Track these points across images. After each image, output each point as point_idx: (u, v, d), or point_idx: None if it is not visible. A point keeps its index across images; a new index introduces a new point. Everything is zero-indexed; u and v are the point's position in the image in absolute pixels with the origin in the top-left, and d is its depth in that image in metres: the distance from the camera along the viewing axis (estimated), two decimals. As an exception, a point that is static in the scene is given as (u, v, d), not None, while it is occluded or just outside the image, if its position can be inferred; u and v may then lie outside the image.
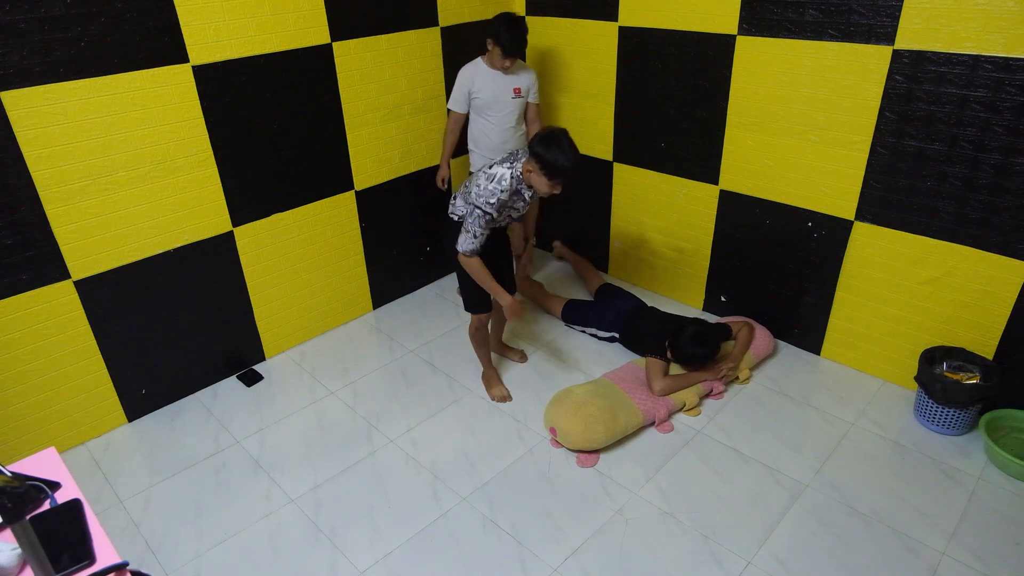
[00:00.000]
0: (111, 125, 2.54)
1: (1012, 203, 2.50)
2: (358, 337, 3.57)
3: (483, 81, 3.29)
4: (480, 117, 3.38)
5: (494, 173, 2.52)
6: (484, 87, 3.29)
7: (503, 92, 3.32)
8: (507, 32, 3.12)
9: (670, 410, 2.87)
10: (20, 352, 2.58)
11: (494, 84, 3.30)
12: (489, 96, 3.31)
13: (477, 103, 3.34)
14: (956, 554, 2.24)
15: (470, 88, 3.30)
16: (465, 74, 3.31)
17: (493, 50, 3.21)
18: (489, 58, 3.28)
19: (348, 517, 2.46)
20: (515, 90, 3.34)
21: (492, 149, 3.40)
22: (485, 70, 3.30)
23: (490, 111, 3.35)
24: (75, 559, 1.35)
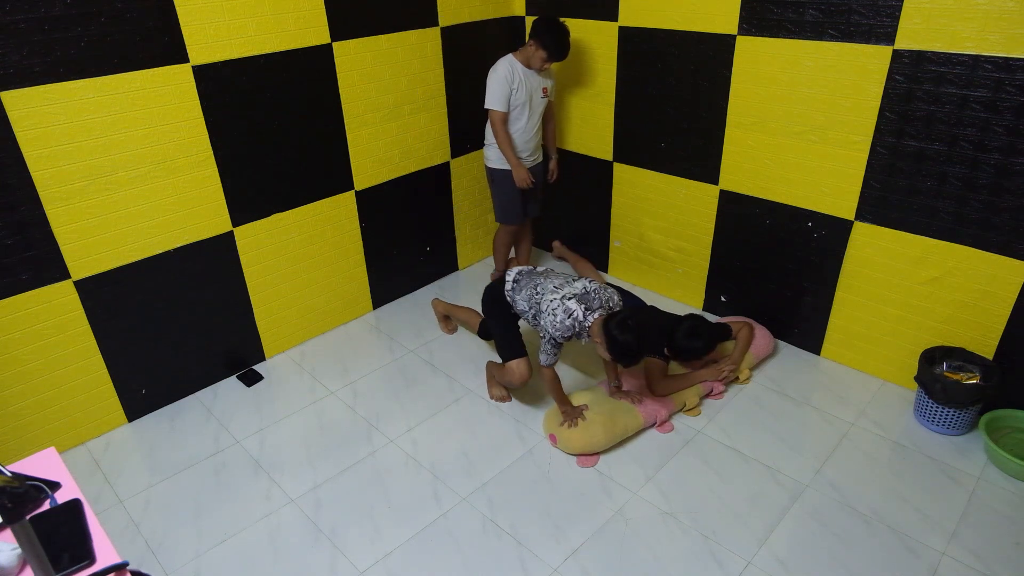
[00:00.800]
0: (111, 125, 2.54)
1: (1012, 203, 2.50)
2: (358, 337, 3.57)
3: (520, 79, 3.31)
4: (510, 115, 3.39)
5: (571, 309, 2.53)
6: (522, 86, 3.32)
7: (536, 92, 3.37)
8: (557, 38, 3.19)
9: (670, 411, 2.87)
10: (20, 352, 2.58)
11: (528, 83, 3.33)
12: (525, 95, 3.33)
13: (514, 101, 3.34)
14: (956, 554, 2.24)
15: (511, 85, 3.29)
16: (505, 71, 3.28)
17: (536, 52, 3.23)
18: (525, 57, 3.29)
19: (348, 517, 2.46)
20: (544, 90, 3.40)
21: (517, 146, 3.44)
22: (521, 69, 3.31)
23: (522, 110, 3.36)
24: (75, 559, 1.35)
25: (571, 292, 2.59)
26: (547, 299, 2.61)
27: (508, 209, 3.64)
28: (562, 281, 2.69)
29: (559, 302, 2.56)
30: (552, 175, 3.77)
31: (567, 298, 2.56)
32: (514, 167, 3.44)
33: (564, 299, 2.56)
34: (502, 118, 3.35)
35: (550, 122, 3.63)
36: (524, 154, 3.50)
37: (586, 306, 2.54)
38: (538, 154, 3.62)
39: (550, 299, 2.59)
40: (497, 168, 3.52)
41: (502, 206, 3.64)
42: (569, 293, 2.58)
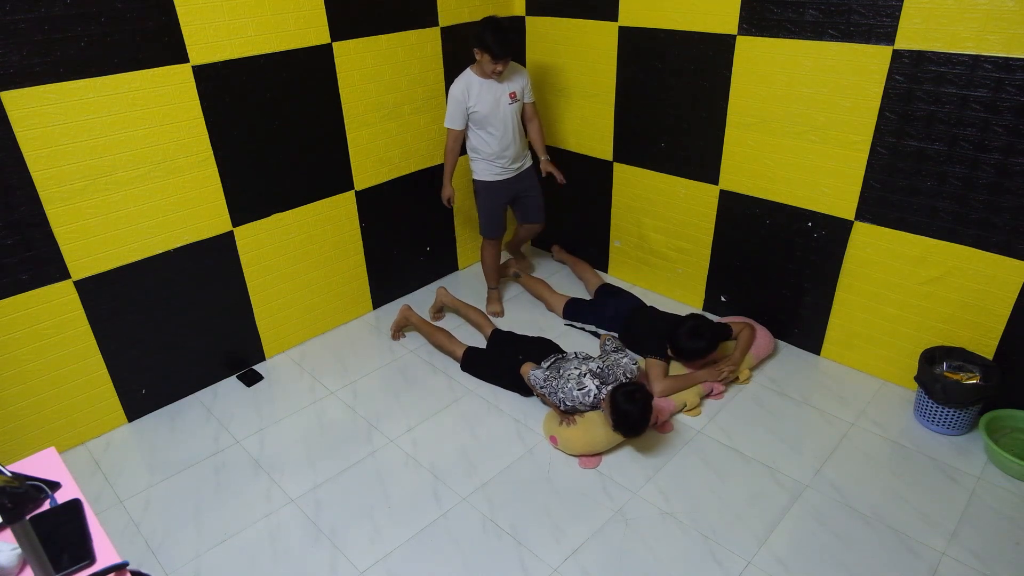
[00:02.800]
0: (111, 125, 2.54)
1: (1012, 203, 2.50)
2: (358, 337, 3.56)
3: (478, 93, 3.17)
4: (479, 130, 3.28)
5: (587, 387, 2.72)
6: (480, 99, 3.17)
7: (500, 100, 3.21)
8: (493, 35, 3.01)
9: (671, 411, 2.87)
10: (20, 352, 2.58)
11: (489, 94, 3.18)
12: (487, 107, 3.19)
13: (476, 116, 3.21)
14: (956, 554, 2.24)
15: (466, 103, 3.18)
16: (458, 89, 3.18)
17: (482, 58, 3.08)
18: (479, 67, 3.16)
19: (348, 517, 2.46)
20: (511, 95, 3.24)
21: (494, 156, 3.33)
22: (478, 81, 3.18)
23: (489, 123, 3.23)
24: (75, 559, 1.35)
25: (588, 370, 2.77)
26: (567, 373, 2.79)
27: (489, 222, 3.53)
28: (580, 361, 2.87)
29: (577, 379, 2.75)
30: (554, 174, 3.55)
31: (584, 375, 2.75)
32: (445, 184, 3.43)
33: (582, 376, 2.75)
34: (454, 136, 3.28)
35: (532, 122, 3.46)
36: (507, 163, 3.37)
37: (601, 381, 2.73)
38: (525, 160, 3.49)
39: (569, 374, 2.78)
40: (480, 180, 3.43)
41: (483, 218, 3.55)
42: (586, 370, 2.77)
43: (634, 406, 2.52)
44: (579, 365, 2.83)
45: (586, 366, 2.80)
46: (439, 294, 3.62)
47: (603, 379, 2.73)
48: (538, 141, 3.54)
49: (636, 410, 2.52)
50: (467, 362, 3.18)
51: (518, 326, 3.52)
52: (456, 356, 3.24)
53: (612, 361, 2.83)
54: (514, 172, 3.43)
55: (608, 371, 2.77)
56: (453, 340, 3.28)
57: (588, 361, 2.86)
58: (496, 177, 3.40)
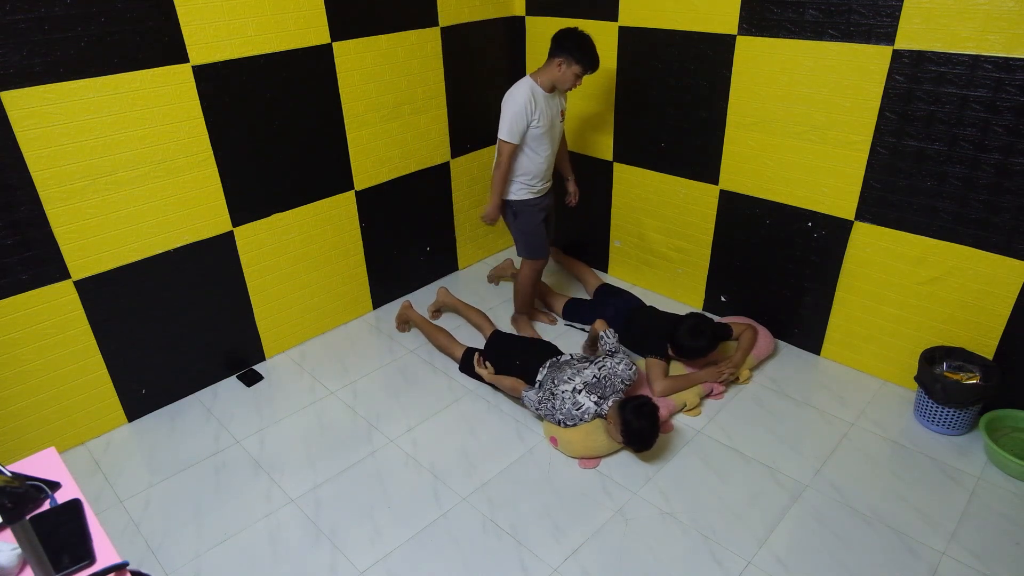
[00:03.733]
0: (111, 125, 2.54)
1: (1012, 203, 2.50)
2: (358, 337, 3.57)
3: (542, 106, 2.93)
4: (528, 148, 3.02)
5: (582, 405, 2.68)
6: (543, 113, 2.95)
7: (556, 116, 3.05)
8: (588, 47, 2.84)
9: (671, 411, 2.87)
10: (20, 352, 2.58)
11: (549, 109, 2.97)
12: (547, 123, 2.98)
13: (534, 133, 2.96)
14: (956, 554, 2.24)
15: (532, 117, 2.92)
16: (525, 98, 2.89)
17: (568, 69, 2.86)
18: (550, 78, 2.91)
19: (348, 517, 2.46)
20: (562, 112, 3.09)
21: (535, 176, 3.12)
22: (541, 93, 2.93)
23: (543, 141, 3.01)
24: (75, 559, 1.35)
25: (582, 383, 2.72)
26: (560, 389, 2.74)
27: (534, 243, 3.26)
28: (574, 372, 2.79)
29: (570, 395, 2.70)
30: (574, 198, 3.49)
31: (578, 391, 2.70)
32: (493, 204, 3.12)
33: (575, 392, 2.70)
34: (511, 151, 2.99)
35: (563, 143, 3.32)
36: (543, 182, 3.18)
37: (599, 395, 2.68)
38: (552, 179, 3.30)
39: (562, 390, 2.73)
40: (517, 200, 3.16)
41: (527, 240, 3.26)
42: (580, 384, 2.72)
43: (644, 421, 2.50)
44: (572, 377, 2.76)
45: (580, 378, 2.74)
46: (439, 294, 3.62)
47: (600, 392, 2.70)
48: (566, 160, 3.43)
49: (647, 425, 2.50)
50: (465, 364, 3.18)
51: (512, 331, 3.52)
52: (455, 357, 3.24)
53: (608, 370, 2.78)
54: (547, 190, 3.27)
55: (605, 381, 2.73)
56: (453, 341, 3.28)
57: (583, 371, 2.79)
58: (534, 195, 3.19)
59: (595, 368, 2.79)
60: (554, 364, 2.91)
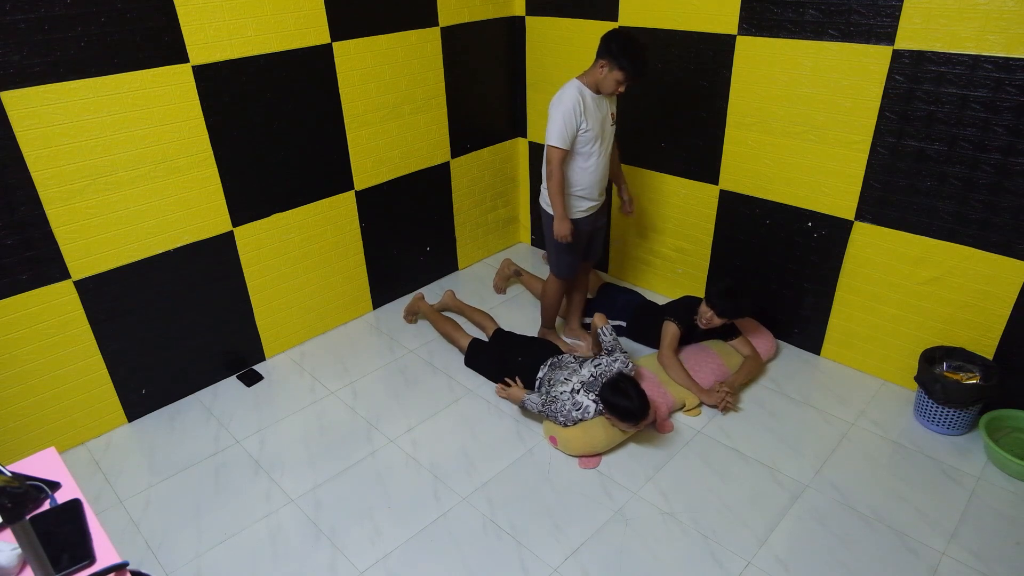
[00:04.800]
0: (111, 125, 2.54)
1: (1012, 203, 2.50)
2: (358, 337, 3.57)
3: (591, 109, 2.73)
4: (576, 155, 2.81)
5: (581, 405, 2.67)
6: (592, 116, 2.74)
7: (606, 120, 2.82)
8: (635, 50, 2.61)
9: (670, 407, 2.87)
10: (20, 352, 2.58)
11: (598, 112, 2.77)
12: (597, 127, 2.77)
13: (584, 137, 2.75)
14: (956, 554, 2.24)
15: (581, 119, 2.71)
16: (573, 100, 2.68)
17: (610, 74, 2.66)
18: (594, 81, 2.72)
19: (348, 517, 2.46)
20: (612, 115, 2.87)
21: (588, 187, 2.89)
22: (590, 95, 2.73)
23: (594, 145, 2.79)
24: (75, 559, 1.35)
25: (579, 382, 2.72)
26: (557, 390, 2.73)
27: (564, 262, 3.07)
28: (570, 372, 2.80)
29: (568, 396, 2.70)
30: (629, 205, 3.21)
31: (576, 391, 2.70)
32: (559, 217, 2.83)
33: (573, 392, 2.70)
34: (562, 157, 2.75)
35: (616, 150, 3.07)
36: (597, 193, 2.94)
37: (596, 393, 2.68)
38: (605, 193, 3.06)
39: (560, 391, 2.72)
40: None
41: (556, 257, 3.07)
42: (577, 384, 2.72)
43: (625, 398, 2.54)
44: (569, 377, 2.76)
45: (577, 377, 2.75)
46: (445, 296, 3.63)
47: (598, 390, 2.70)
48: (619, 168, 3.15)
49: (631, 397, 2.54)
50: (471, 354, 3.21)
51: (520, 326, 3.52)
52: (461, 347, 3.26)
53: (605, 367, 2.78)
54: (599, 208, 3.04)
55: (602, 379, 2.73)
56: (459, 330, 3.31)
57: (579, 370, 2.79)
58: (582, 214, 2.96)
59: (591, 366, 2.80)
60: (554, 364, 2.91)
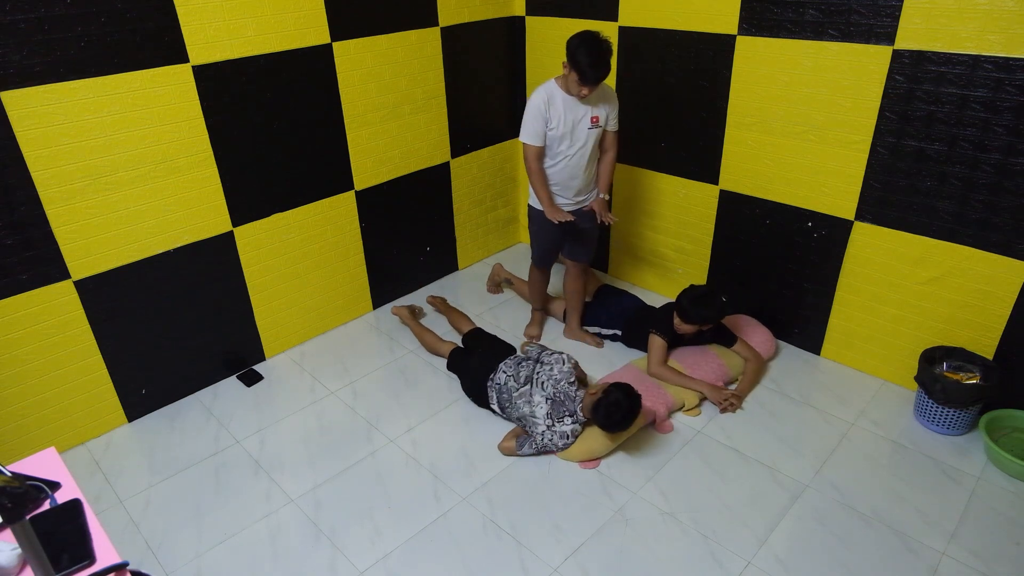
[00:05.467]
0: (111, 125, 2.54)
1: (1012, 203, 2.50)
2: (358, 337, 3.56)
3: (559, 108, 2.80)
4: (547, 151, 2.91)
5: (564, 431, 2.63)
6: (559, 116, 2.80)
7: (580, 122, 2.84)
8: (588, 55, 2.61)
9: (669, 407, 2.87)
10: (20, 352, 2.58)
11: (570, 112, 2.81)
12: (564, 127, 2.82)
13: (552, 134, 2.84)
14: (956, 554, 2.24)
15: (546, 116, 2.81)
16: (540, 98, 2.80)
17: (569, 75, 2.72)
18: (564, 82, 2.79)
19: (348, 517, 2.46)
20: (593, 119, 2.86)
21: (559, 184, 2.97)
22: (561, 95, 2.81)
23: (563, 143, 2.86)
24: (75, 559, 1.35)
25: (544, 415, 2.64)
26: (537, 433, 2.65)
27: (540, 253, 3.24)
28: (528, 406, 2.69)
29: (550, 434, 2.64)
30: (602, 217, 3.02)
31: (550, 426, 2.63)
32: (545, 207, 2.93)
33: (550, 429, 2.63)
34: (535, 153, 2.86)
35: (608, 153, 3.02)
36: (570, 194, 3.00)
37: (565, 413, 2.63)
38: (591, 194, 3.09)
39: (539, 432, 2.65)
40: (536, 208, 3.05)
41: (536, 248, 3.25)
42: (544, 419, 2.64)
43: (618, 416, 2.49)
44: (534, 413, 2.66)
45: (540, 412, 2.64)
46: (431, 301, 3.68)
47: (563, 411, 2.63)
48: (606, 175, 3.08)
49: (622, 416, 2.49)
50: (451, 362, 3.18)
51: (518, 325, 3.53)
52: (444, 355, 3.24)
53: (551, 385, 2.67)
54: (576, 205, 3.07)
55: (560, 400, 2.64)
56: (440, 341, 3.30)
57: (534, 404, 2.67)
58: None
59: (539, 392, 2.69)
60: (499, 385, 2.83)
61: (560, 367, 2.74)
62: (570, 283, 3.36)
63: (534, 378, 2.74)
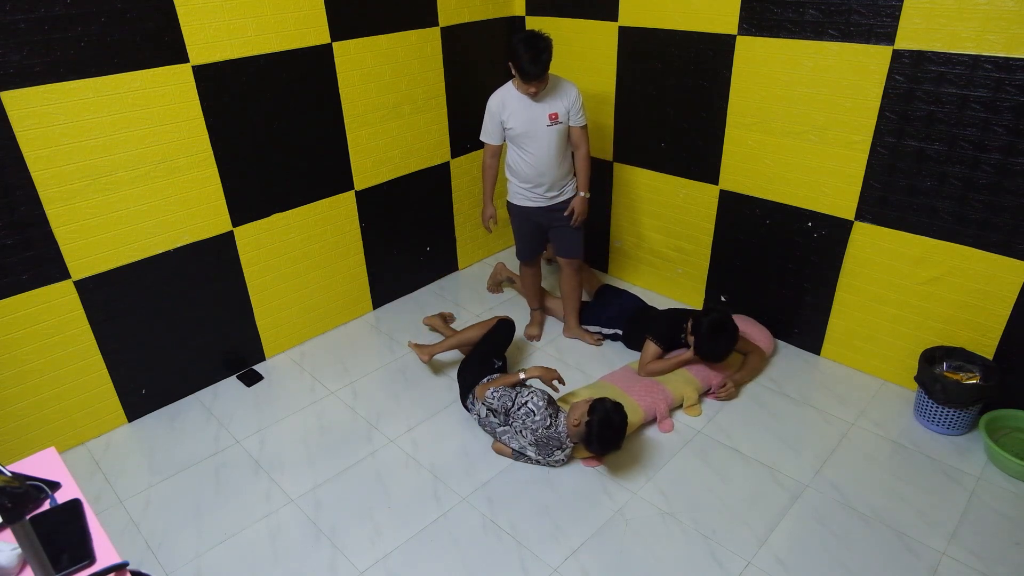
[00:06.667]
0: (111, 125, 2.54)
1: (1012, 203, 2.50)
2: (358, 337, 3.56)
3: (514, 108, 2.89)
4: (515, 147, 3.02)
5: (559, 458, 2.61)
6: (515, 115, 2.89)
7: (537, 120, 2.89)
8: (526, 51, 2.67)
9: (669, 404, 2.88)
10: (20, 352, 2.58)
11: (526, 111, 2.88)
12: (521, 126, 2.90)
13: (511, 134, 2.96)
14: (956, 554, 2.24)
15: (501, 117, 2.92)
16: (494, 101, 2.94)
17: (516, 75, 2.82)
18: (517, 82, 2.87)
19: (348, 517, 2.46)
20: (551, 116, 2.89)
21: (529, 180, 3.04)
22: (516, 95, 2.90)
23: (525, 141, 2.94)
24: (75, 559, 1.35)
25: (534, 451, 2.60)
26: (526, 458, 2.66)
27: (520, 246, 3.35)
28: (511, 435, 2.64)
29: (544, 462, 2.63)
30: (575, 217, 3.11)
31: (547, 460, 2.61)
32: (484, 204, 3.19)
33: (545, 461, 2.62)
34: (490, 151, 3.04)
35: (579, 150, 3.05)
36: (541, 190, 3.05)
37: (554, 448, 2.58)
38: (564, 190, 3.11)
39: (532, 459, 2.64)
40: (512, 203, 3.19)
41: (517, 241, 3.36)
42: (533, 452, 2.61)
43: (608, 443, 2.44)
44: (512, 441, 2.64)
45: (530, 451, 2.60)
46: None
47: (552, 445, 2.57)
48: (582, 172, 3.09)
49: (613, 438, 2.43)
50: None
51: (517, 325, 3.52)
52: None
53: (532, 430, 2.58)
54: (548, 201, 3.10)
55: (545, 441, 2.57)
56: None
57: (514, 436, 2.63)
58: (528, 203, 3.13)
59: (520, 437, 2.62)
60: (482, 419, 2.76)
61: (532, 419, 2.58)
62: (565, 282, 3.37)
63: (511, 423, 2.65)
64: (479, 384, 2.78)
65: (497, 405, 2.64)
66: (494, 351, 2.97)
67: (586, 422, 2.42)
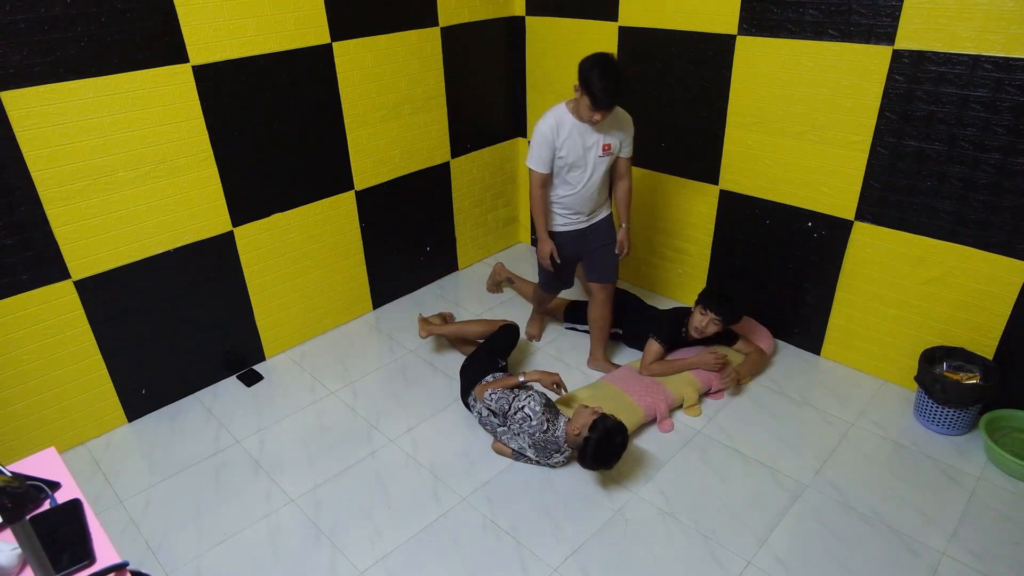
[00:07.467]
0: (111, 125, 2.54)
1: (1012, 203, 2.50)
2: (358, 337, 3.57)
3: (568, 136, 2.67)
4: (556, 177, 2.79)
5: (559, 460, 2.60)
6: (569, 142, 2.67)
7: (591, 150, 2.71)
8: (601, 79, 2.46)
9: (669, 404, 2.88)
10: (20, 352, 2.58)
11: (580, 139, 2.68)
12: (574, 155, 2.70)
13: (558, 163, 2.73)
14: (956, 554, 2.24)
15: (555, 144, 2.67)
16: (547, 125, 2.66)
17: (581, 99, 2.57)
18: (575, 107, 2.64)
19: (348, 517, 2.46)
20: (605, 147, 2.72)
21: (568, 208, 2.87)
22: (571, 121, 2.66)
23: (571, 173, 2.76)
24: (75, 559, 1.35)
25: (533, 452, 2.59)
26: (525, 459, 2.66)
27: (545, 276, 3.13)
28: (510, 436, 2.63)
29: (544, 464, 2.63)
30: (621, 248, 3.00)
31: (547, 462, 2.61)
32: (540, 239, 2.88)
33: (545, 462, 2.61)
34: (540, 180, 2.74)
35: (622, 181, 2.91)
36: (583, 216, 2.91)
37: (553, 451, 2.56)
38: (602, 212, 2.99)
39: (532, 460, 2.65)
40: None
41: (541, 271, 3.14)
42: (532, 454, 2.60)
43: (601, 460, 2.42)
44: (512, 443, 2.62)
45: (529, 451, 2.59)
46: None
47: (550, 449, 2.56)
48: (624, 204, 2.96)
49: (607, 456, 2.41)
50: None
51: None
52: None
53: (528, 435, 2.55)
54: (585, 223, 2.94)
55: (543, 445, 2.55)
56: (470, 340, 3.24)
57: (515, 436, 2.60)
58: (561, 228, 2.92)
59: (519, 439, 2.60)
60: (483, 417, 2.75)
61: (528, 423, 2.55)
62: (595, 310, 3.12)
63: (509, 425, 2.62)
64: (479, 384, 2.78)
65: (495, 407, 2.64)
66: (498, 352, 2.98)
67: (585, 437, 2.39)
